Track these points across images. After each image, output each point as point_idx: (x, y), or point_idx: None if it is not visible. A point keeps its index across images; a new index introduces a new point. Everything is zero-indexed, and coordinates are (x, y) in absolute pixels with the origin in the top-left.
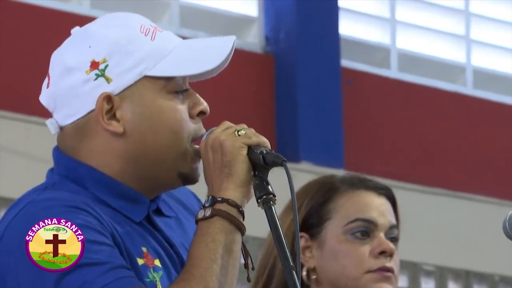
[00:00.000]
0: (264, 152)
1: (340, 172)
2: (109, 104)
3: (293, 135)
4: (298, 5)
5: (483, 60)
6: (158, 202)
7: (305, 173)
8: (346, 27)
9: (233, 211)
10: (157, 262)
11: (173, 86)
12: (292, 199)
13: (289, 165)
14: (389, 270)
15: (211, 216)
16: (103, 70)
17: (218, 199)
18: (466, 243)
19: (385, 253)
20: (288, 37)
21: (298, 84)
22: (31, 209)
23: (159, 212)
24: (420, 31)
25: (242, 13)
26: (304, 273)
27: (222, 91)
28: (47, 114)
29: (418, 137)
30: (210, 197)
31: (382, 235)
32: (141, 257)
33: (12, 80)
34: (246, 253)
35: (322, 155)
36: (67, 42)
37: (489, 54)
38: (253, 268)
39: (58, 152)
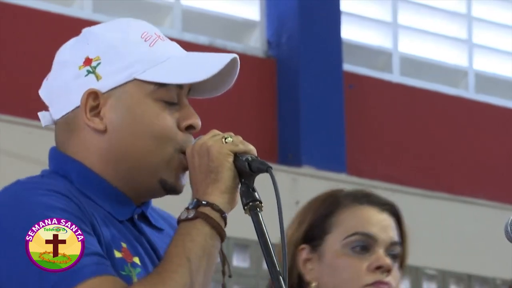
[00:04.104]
0: (250, 159)
1: (341, 177)
2: (96, 101)
3: (295, 139)
4: (300, 9)
5: (485, 64)
6: (144, 209)
7: (307, 177)
8: (348, 31)
9: (216, 216)
10: (136, 260)
11: (161, 95)
12: (278, 206)
13: (291, 169)
14: (386, 284)
15: (194, 218)
16: (95, 68)
17: (203, 202)
18: (468, 247)
19: (382, 269)
20: (290, 41)
21: (300, 88)
22: (15, 187)
23: (146, 220)
24: (422, 35)
25: (244, 17)
26: (314, 284)
27: (224, 95)
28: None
29: (420, 141)
30: (195, 199)
31: (381, 251)
32: (119, 251)
33: (14, 84)
34: (224, 260)
35: (324, 159)
36: (71, 40)
37: (491, 58)
38: (230, 276)
39: (53, 149)
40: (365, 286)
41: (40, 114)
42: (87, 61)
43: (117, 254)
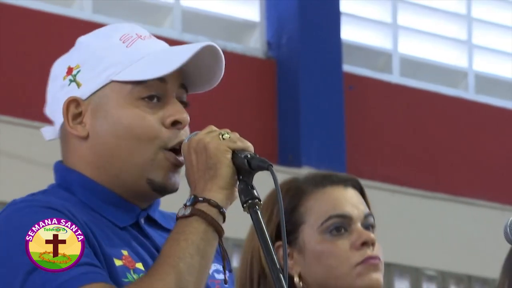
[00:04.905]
0: (249, 156)
1: None
2: (78, 108)
3: (295, 140)
4: (300, 10)
5: (485, 65)
6: (150, 211)
7: None
8: (348, 32)
9: (213, 212)
10: (139, 265)
11: (140, 93)
12: (279, 203)
13: (291, 170)
14: (376, 257)
15: (190, 215)
16: (75, 76)
17: (200, 198)
18: (468, 248)
19: (367, 244)
20: (290, 42)
21: (300, 89)
22: (9, 209)
23: (154, 222)
24: (422, 36)
25: (244, 18)
26: (297, 279)
27: (224, 96)
28: (49, 119)
29: (420, 142)
30: (192, 196)
31: (359, 225)
32: (119, 259)
33: (14, 85)
34: (224, 255)
35: (324, 160)
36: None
37: (491, 59)
38: (230, 270)
39: (56, 163)
40: (356, 265)
41: (42, 129)
42: (69, 71)
43: (118, 262)
